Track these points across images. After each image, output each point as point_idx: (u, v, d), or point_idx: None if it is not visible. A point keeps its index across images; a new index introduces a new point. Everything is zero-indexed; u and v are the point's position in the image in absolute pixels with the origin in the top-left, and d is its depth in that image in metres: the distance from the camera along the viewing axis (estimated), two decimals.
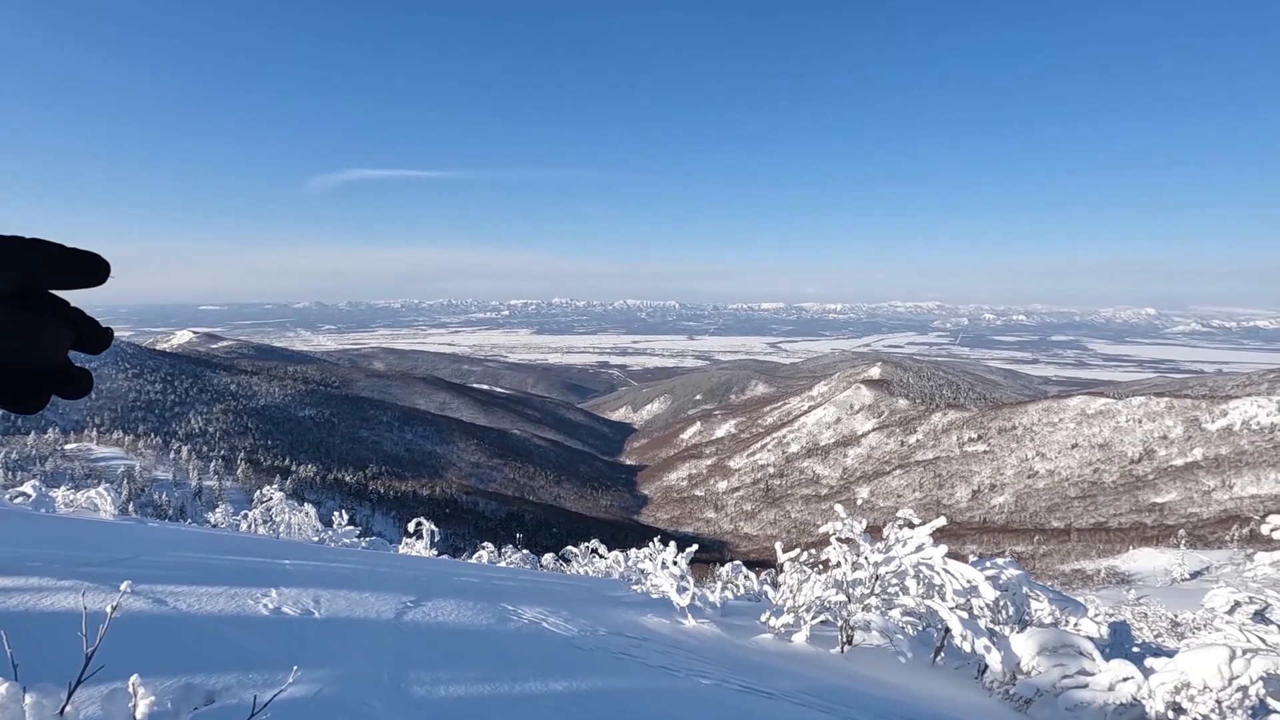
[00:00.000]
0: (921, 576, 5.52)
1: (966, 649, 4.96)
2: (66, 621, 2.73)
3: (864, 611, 5.62)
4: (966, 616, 5.10)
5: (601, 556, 13.40)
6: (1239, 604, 5.47)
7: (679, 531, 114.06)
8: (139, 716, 1.21)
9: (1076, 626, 6.99)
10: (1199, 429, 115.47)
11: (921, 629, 5.74)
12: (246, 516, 13.86)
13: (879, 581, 5.68)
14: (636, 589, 7.54)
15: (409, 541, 14.34)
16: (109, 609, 1.45)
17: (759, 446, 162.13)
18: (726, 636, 5.94)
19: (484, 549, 15.82)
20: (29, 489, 10.65)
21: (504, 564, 14.54)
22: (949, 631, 5.21)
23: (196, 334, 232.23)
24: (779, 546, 7.05)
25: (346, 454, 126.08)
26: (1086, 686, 4.38)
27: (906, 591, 5.57)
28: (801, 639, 5.94)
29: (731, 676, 4.31)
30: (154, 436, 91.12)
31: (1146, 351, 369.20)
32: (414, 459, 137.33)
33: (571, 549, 14.09)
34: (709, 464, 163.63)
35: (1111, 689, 4.30)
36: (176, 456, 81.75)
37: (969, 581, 5.20)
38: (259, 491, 14.67)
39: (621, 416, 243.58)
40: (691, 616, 6.24)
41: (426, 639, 3.77)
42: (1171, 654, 4.77)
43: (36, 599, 2.99)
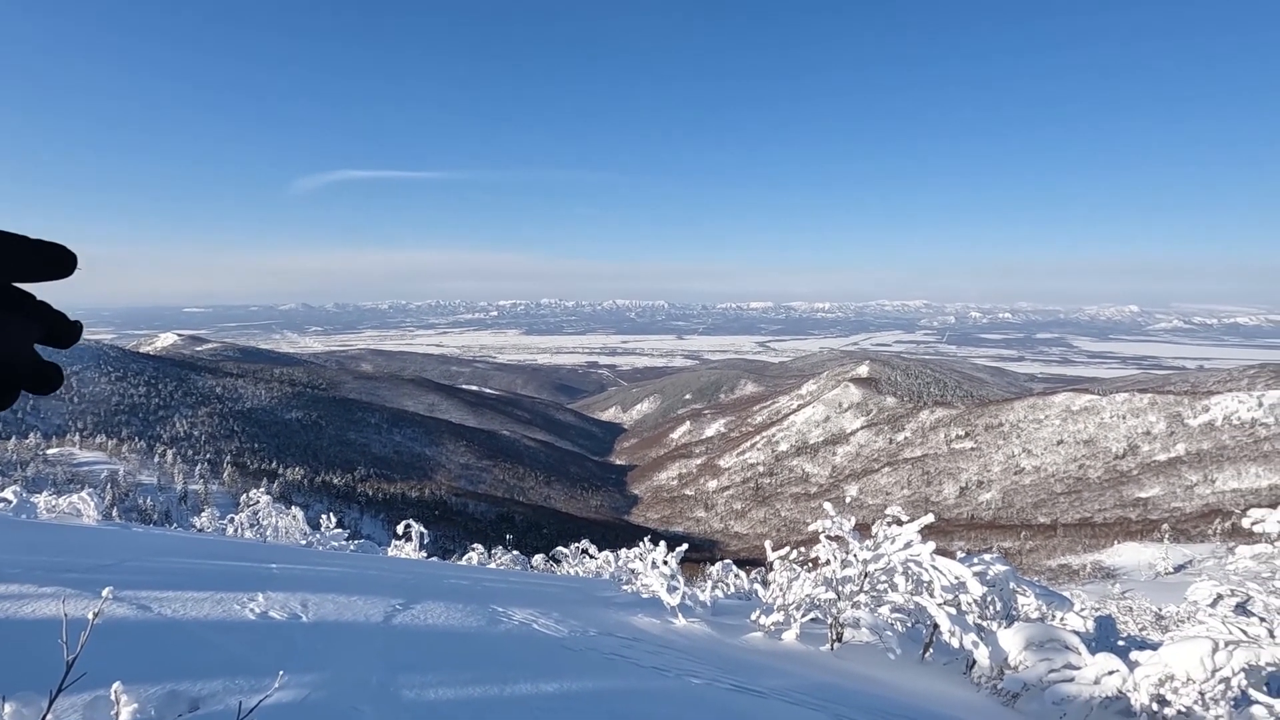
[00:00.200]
0: (910, 573, 5.55)
1: (955, 645, 4.99)
2: (48, 629, 2.69)
3: (853, 609, 5.64)
4: (954, 612, 5.13)
5: (592, 557, 13.37)
6: (1221, 597, 5.54)
7: (669, 531, 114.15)
8: None
9: (1063, 621, 7.06)
10: (1181, 425, 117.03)
11: (910, 625, 5.78)
12: (233, 520, 13.72)
13: (868, 579, 5.70)
14: (627, 589, 7.53)
15: (398, 544, 14.25)
16: (90, 615, 1.43)
17: (749, 445, 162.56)
18: (717, 635, 5.95)
19: (474, 551, 15.75)
20: (10, 495, 10.48)
21: (494, 565, 14.49)
22: (937, 628, 5.25)
23: (181, 336, 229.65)
24: (769, 545, 7.07)
25: (334, 456, 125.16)
26: (1073, 680, 4.42)
27: (895, 588, 5.61)
28: (792, 637, 5.96)
29: (722, 675, 4.32)
30: (138, 440, 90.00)
31: (1130, 348, 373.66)
32: (403, 461, 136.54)
33: (562, 550, 14.05)
34: (699, 463, 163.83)
35: (1097, 682, 4.34)
36: (161, 460, 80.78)
37: (957, 578, 5.23)
38: (245, 495, 14.52)
39: (611, 416, 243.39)
40: (682, 616, 6.24)
41: (416, 642, 3.75)
42: (1156, 647, 4.82)
43: (17, 606, 2.94)
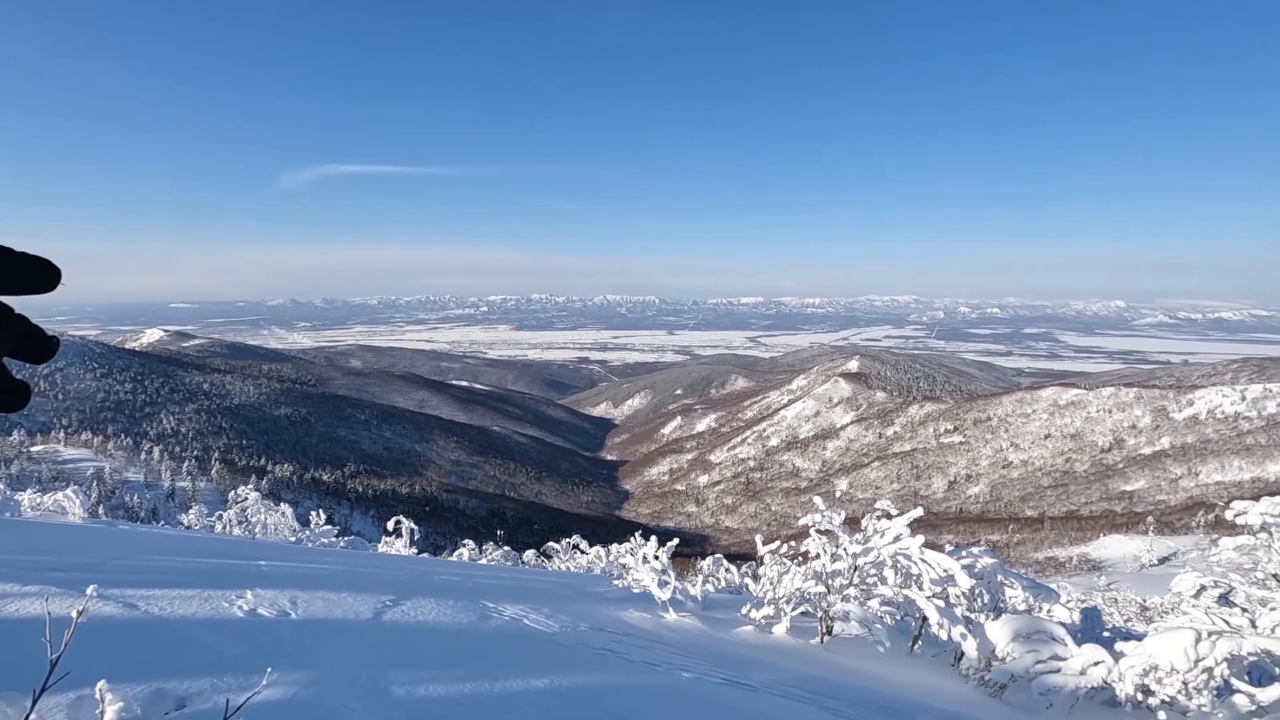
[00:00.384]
0: (899, 566, 5.59)
1: (943, 637, 5.03)
2: (31, 628, 2.66)
3: (843, 602, 5.68)
4: (943, 605, 5.17)
5: (583, 552, 13.37)
6: (1204, 588, 5.61)
7: (660, 526, 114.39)
8: None
9: (1049, 613, 7.13)
10: (1166, 418, 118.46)
11: (899, 618, 5.82)
12: (221, 517, 13.61)
13: (858, 572, 5.74)
14: (618, 584, 7.54)
15: (388, 540, 14.19)
16: (75, 614, 1.41)
17: (739, 440, 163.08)
18: (708, 630, 5.97)
19: (464, 547, 15.71)
20: None
21: (485, 561, 14.47)
22: (926, 620, 5.29)
23: (167, 332, 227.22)
24: (759, 539, 7.09)
25: (324, 453, 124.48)
26: (1059, 671, 4.47)
27: (885, 581, 5.64)
28: (782, 630, 5.99)
29: (713, 669, 4.33)
30: (124, 437, 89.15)
31: (1116, 343, 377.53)
32: (393, 457, 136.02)
33: (553, 545, 14.04)
34: (690, 458, 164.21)
35: (1083, 673, 4.39)
36: (148, 457, 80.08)
37: (945, 571, 5.28)
38: (234, 492, 14.41)
39: (602, 412, 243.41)
40: (673, 610, 6.26)
41: (406, 638, 3.73)
42: (1140, 638, 4.88)
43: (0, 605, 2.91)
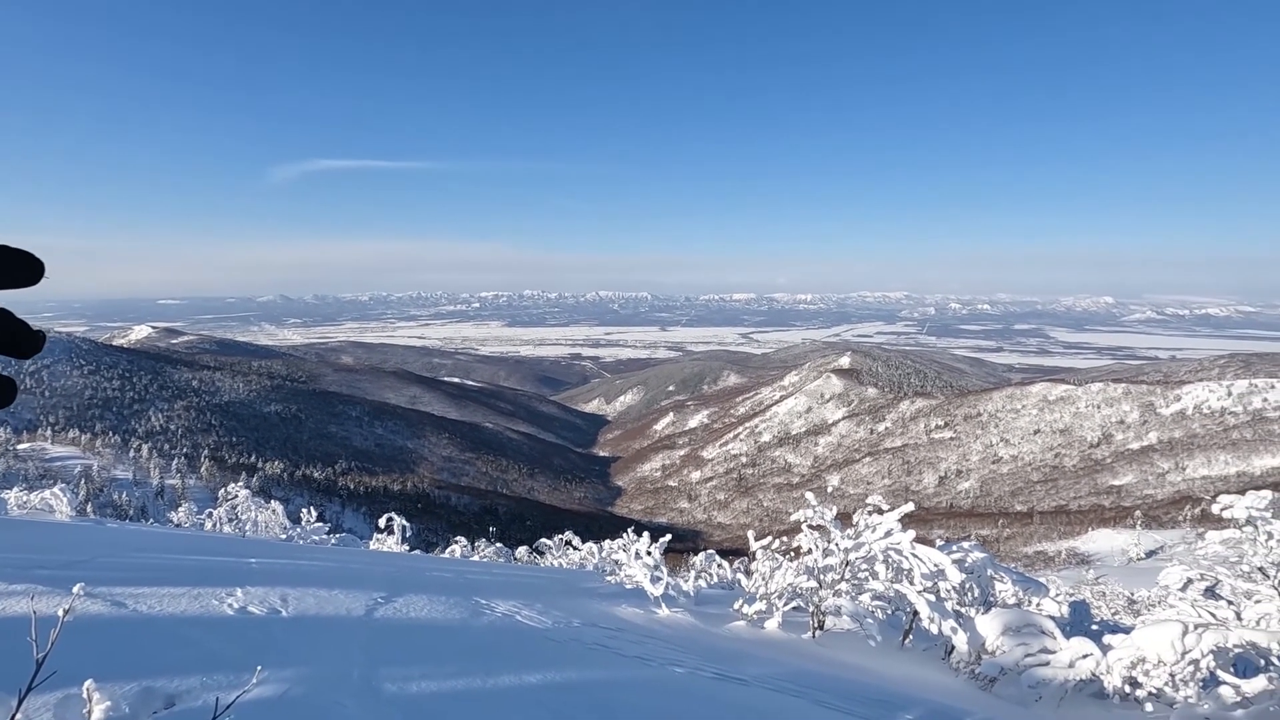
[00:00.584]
0: (890, 561, 5.62)
1: (934, 631, 5.07)
2: (17, 627, 2.63)
3: (835, 597, 5.70)
4: (934, 599, 5.21)
5: (575, 548, 13.38)
6: (1191, 581, 5.67)
7: (653, 522, 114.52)
8: None
9: (1039, 606, 7.19)
10: (1154, 413, 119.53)
11: (890, 613, 5.85)
12: (211, 515, 13.53)
13: (849, 567, 5.77)
14: (610, 580, 7.55)
15: (380, 537, 14.15)
16: (61, 612, 1.40)
17: (731, 436, 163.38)
18: (700, 625, 5.98)
19: (457, 543, 15.68)
20: None
21: (477, 558, 14.46)
22: (917, 614, 5.32)
23: (155, 329, 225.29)
24: (751, 535, 7.11)
25: (315, 450, 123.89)
26: (1048, 664, 4.51)
27: (876, 576, 5.67)
28: (774, 625, 6.01)
29: (706, 664, 4.34)
30: (112, 435, 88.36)
31: (1105, 339, 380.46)
32: (385, 454, 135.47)
33: (545, 541, 14.04)
34: (682, 454, 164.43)
35: (1072, 666, 4.43)
36: (137, 455, 79.40)
37: (936, 565, 5.31)
38: (224, 489, 14.31)
39: (595, 408, 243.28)
40: (665, 606, 6.27)
41: (398, 635, 3.72)
42: (1128, 631, 4.93)
43: None
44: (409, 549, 13.77)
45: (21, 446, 74.30)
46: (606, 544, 12.14)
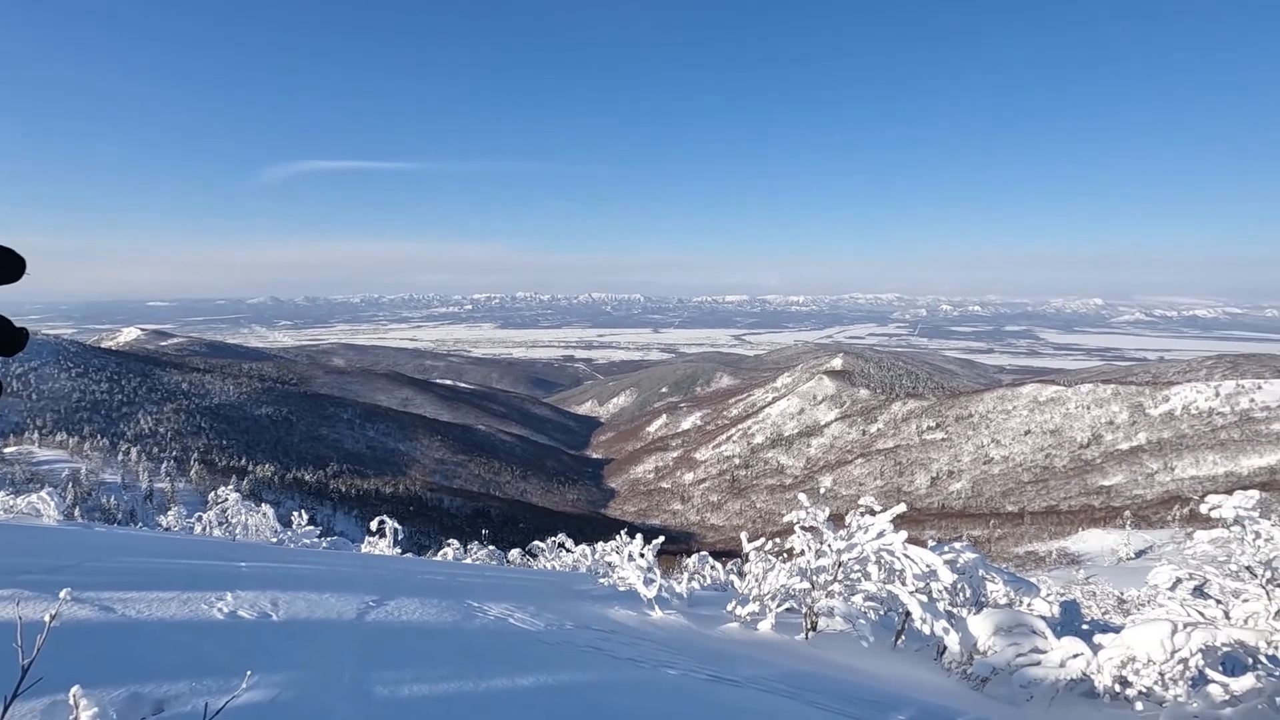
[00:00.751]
0: (883, 562, 5.64)
1: (926, 631, 5.08)
2: (2, 633, 2.60)
3: (827, 598, 5.72)
4: (926, 600, 5.23)
5: (568, 550, 13.36)
6: (1180, 581, 5.71)
7: (646, 524, 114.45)
8: None
9: (1030, 606, 7.23)
10: (1143, 414, 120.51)
11: (883, 613, 5.87)
12: (201, 519, 13.41)
13: (842, 568, 5.78)
14: (604, 582, 7.54)
15: (372, 540, 14.08)
16: (47, 617, 1.38)
17: (724, 438, 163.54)
18: (693, 627, 5.98)
19: (449, 546, 15.63)
20: None
21: (469, 561, 14.40)
22: (909, 615, 5.34)
23: (144, 331, 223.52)
24: (744, 536, 7.12)
25: (306, 453, 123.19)
26: (1039, 664, 4.54)
27: (868, 577, 5.69)
28: (767, 627, 6.02)
29: (699, 666, 4.34)
30: (101, 438, 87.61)
31: (1095, 340, 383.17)
32: (376, 456, 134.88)
33: (538, 544, 14.00)
34: (675, 456, 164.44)
35: (1063, 665, 4.46)
36: (125, 458, 78.76)
37: (928, 566, 5.33)
38: (214, 493, 14.20)
39: (588, 410, 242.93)
40: (659, 608, 6.27)
41: (390, 638, 3.70)
42: (1118, 630, 4.97)
43: None
44: (401, 552, 13.71)
45: (8, 450, 73.59)
46: (599, 546, 12.13)
